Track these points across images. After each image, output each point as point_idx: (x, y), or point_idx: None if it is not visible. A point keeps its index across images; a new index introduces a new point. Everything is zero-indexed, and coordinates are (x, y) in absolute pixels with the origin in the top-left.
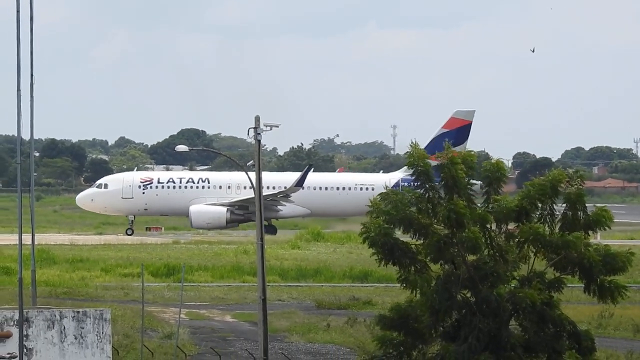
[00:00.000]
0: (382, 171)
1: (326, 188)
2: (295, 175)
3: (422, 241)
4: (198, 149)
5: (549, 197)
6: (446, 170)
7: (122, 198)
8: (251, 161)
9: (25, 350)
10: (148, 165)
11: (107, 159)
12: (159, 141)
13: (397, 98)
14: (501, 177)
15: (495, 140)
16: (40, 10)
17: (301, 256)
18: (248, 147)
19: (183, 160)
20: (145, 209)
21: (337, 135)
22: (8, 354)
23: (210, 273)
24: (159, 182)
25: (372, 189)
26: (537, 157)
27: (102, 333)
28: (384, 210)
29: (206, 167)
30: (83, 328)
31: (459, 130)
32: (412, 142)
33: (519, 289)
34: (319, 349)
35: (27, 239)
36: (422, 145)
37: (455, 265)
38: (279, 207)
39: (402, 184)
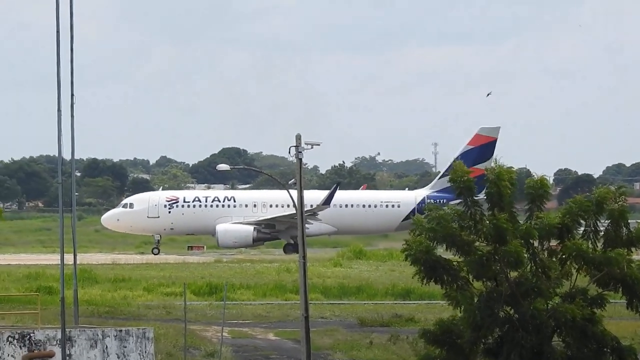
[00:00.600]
0: (407, 188)
1: (352, 205)
2: (323, 194)
3: (464, 258)
4: (239, 168)
5: (592, 214)
6: (492, 185)
7: (148, 217)
8: (292, 179)
9: None
10: (189, 185)
11: (148, 178)
12: (200, 160)
13: (438, 115)
14: (545, 194)
15: (536, 156)
16: (80, 29)
17: (343, 274)
18: (289, 166)
19: (224, 179)
20: (172, 229)
21: (379, 153)
22: None
23: (253, 291)
24: (184, 201)
25: (398, 206)
26: (579, 173)
27: (145, 352)
28: (427, 228)
29: (247, 185)
30: (126, 347)
31: (483, 147)
32: (455, 160)
33: (560, 304)
34: None
35: (69, 258)
36: (447, 163)
37: (497, 282)
38: (305, 225)
39: (428, 201)
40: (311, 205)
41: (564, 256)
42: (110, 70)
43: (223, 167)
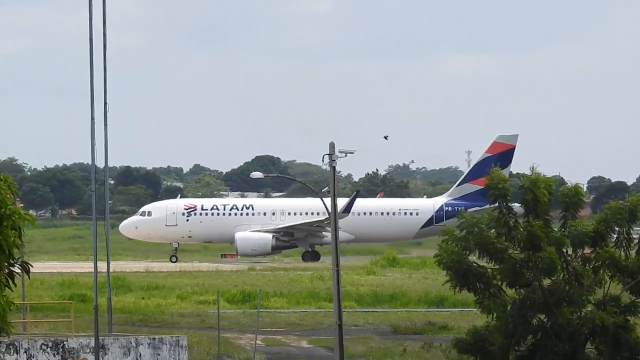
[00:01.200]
0: (425, 196)
1: (370, 213)
2: (343, 201)
3: (497, 265)
4: (273, 176)
5: (626, 221)
6: (528, 192)
7: (166, 225)
8: (326, 187)
9: None
10: (223, 192)
11: (181, 186)
12: (233, 168)
13: (471, 123)
14: (579, 202)
15: (570, 164)
16: (113, 37)
17: (377, 282)
18: (323, 174)
19: (258, 187)
20: (190, 236)
21: (412, 161)
22: None
23: (286, 299)
24: (202, 209)
25: (417, 214)
26: (612, 181)
27: None
28: (458, 237)
29: (281, 193)
30: (159, 355)
31: (502, 155)
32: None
33: (592, 312)
34: None
35: (102, 266)
36: (466, 170)
37: (530, 290)
38: (324, 233)
39: (446, 208)
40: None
41: (597, 264)
42: (144, 78)
43: (256, 175)
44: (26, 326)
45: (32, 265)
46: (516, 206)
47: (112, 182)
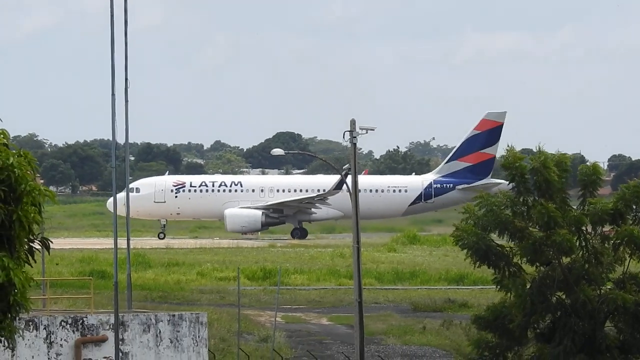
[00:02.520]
0: (414, 173)
1: (359, 190)
2: (334, 178)
3: (517, 244)
4: (294, 153)
5: None
6: (539, 173)
7: (155, 202)
8: (347, 165)
9: (121, 354)
10: (244, 169)
11: (202, 163)
12: (254, 145)
13: (493, 100)
14: (597, 180)
15: (591, 142)
16: (134, 14)
17: (397, 259)
18: (344, 151)
19: (279, 164)
20: (178, 213)
21: (433, 138)
22: (104, 357)
23: (307, 276)
24: (191, 186)
25: (406, 191)
26: (633, 159)
27: (199, 337)
28: (479, 216)
29: (302, 170)
30: (179, 332)
31: (490, 132)
32: (508, 146)
33: (612, 290)
34: (415, 351)
35: (122, 243)
36: (455, 146)
37: (550, 268)
38: (313, 209)
39: (435, 185)
40: (324, 190)
41: (616, 242)
42: (166, 56)
43: (277, 151)
44: (46, 302)
45: (52, 242)
46: (504, 183)
47: (132, 158)
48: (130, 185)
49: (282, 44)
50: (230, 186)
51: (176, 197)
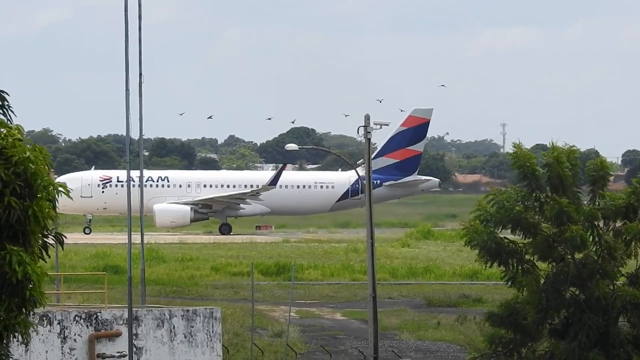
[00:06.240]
0: (340, 169)
1: (286, 186)
2: (269, 174)
3: (529, 240)
4: (308, 148)
5: None
6: (552, 169)
7: (81, 197)
8: (361, 159)
9: (135, 349)
10: (258, 165)
11: (216, 157)
12: (268, 140)
13: (507, 96)
14: (605, 175)
15: (605, 138)
16: (149, 9)
17: (411, 254)
18: (358, 146)
19: (293, 159)
20: (105, 208)
21: (447, 133)
22: (118, 352)
23: (321, 271)
24: (118, 181)
25: (332, 187)
26: None
27: (213, 332)
28: (490, 213)
29: (316, 165)
30: (193, 327)
31: (417, 128)
32: (516, 143)
33: (622, 286)
34: (429, 346)
35: (136, 238)
36: (381, 142)
37: (563, 263)
38: (241, 205)
39: (362, 181)
40: (251, 186)
41: (628, 237)
42: (180, 50)
43: (291, 146)
44: (60, 297)
45: (66, 237)
46: (433, 180)
47: (146, 153)
48: (56, 180)
49: (297, 38)
50: (157, 181)
51: (103, 192)
